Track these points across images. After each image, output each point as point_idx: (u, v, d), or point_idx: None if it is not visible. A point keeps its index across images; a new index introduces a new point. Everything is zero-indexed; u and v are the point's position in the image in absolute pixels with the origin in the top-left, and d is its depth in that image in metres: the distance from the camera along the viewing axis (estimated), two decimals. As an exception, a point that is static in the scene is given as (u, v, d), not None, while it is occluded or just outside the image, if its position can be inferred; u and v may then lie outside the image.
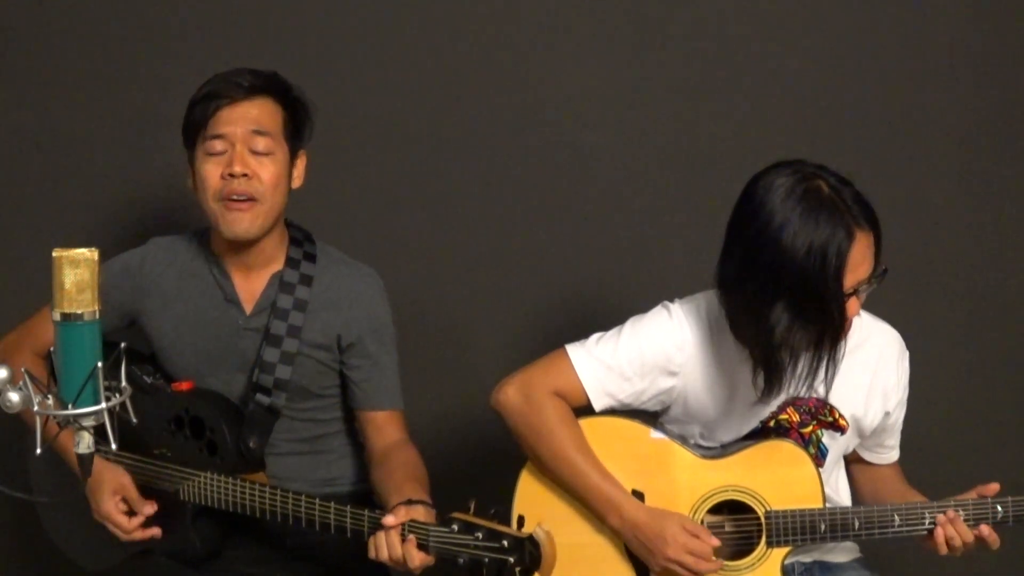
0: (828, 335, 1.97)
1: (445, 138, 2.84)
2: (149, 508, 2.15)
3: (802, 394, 2.09)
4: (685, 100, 2.84)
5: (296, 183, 2.21)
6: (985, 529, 2.07)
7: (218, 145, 2.11)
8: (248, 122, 2.11)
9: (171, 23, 2.80)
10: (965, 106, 2.85)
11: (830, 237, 1.90)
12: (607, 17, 2.81)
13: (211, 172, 2.11)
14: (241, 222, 2.11)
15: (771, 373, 2.02)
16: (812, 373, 2.02)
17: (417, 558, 1.88)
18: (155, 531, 2.16)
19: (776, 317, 1.95)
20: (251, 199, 2.10)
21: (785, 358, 1.99)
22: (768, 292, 1.94)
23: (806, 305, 1.93)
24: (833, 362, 2.01)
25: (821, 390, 2.10)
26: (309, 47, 2.80)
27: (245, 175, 2.09)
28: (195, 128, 2.13)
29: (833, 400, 2.14)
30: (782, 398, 2.11)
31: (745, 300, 1.99)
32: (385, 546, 1.91)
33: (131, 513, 2.16)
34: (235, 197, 2.09)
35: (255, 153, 2.11)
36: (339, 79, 2.80)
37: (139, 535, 2.16)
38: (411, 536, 1.88)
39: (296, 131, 2.20)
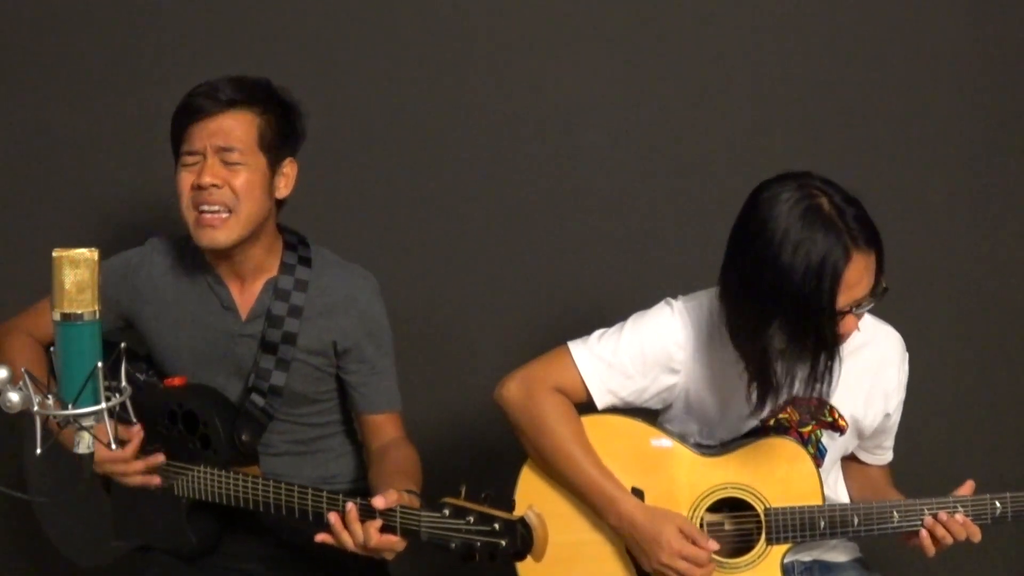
0: (821, 352, 1.97)
1: (444, 138, 2.84)
2: (136, 432, 2.01)
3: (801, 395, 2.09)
4: (686, 99, 2.83)
5: (283, 192, 2.19)
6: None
7: (190, 159, 2.13)
8: (216, 137, 2.11)
9: (171, 24, 2.80)
10: (966, 107, 2.85)
11: (826, 256, 1.89)
12: (608, 17, 2.81)
13: (184, 182, 2.12)
14: (213, 235, 2.10)
15: (764, 388, 2.02)
16: (809, 387, 2.01)
17: (375, 538, 1.88)
18: (155, 479, 2.08)
19: (772, 335, 1.95)
20: (224, 210, 2.10)
21: (779, 375, 1.99)
22: (767, 311, 1.94)
23: (801, 322, 1.93)
24: (829, 377, 2.00)
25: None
26: (306, 48, 2.80)
27: (215, 185, 2.09)
28: (174, 141, 2.16)
29: (834, 401, 2.13)
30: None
31: (744, 316, 1.99)
32: (344, 532, 1.90)
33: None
34: (204, 208, 2.09)
35: (226, 164, 2.11)
36: (335, 79, 2.80)
37: (140, 466, 2.06)
38: (377, 520, 1.88)
39: (279, 140, 2.17)
